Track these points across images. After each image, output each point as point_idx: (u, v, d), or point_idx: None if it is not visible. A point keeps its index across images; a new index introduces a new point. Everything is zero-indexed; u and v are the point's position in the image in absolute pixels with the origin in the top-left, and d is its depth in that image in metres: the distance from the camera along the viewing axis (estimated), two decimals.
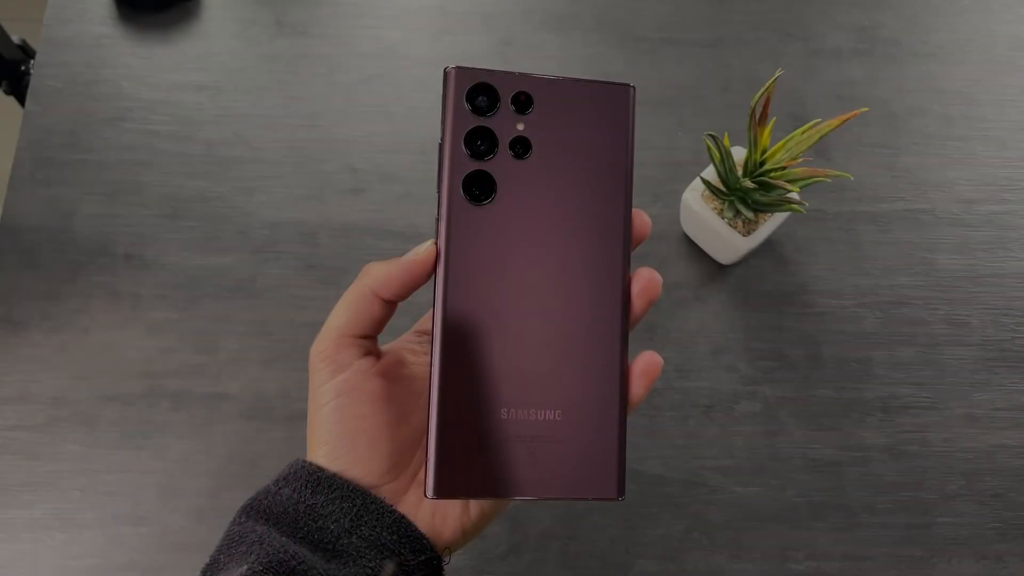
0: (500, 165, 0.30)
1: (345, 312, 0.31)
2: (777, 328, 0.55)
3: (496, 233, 0.30)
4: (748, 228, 0.52)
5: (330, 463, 0.30)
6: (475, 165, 0.30)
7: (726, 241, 0.52)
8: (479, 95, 0.30)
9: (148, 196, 0.57)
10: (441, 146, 0.30)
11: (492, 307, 0.30)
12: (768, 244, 0.57)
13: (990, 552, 0.50)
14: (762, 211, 0.52)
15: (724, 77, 0.63)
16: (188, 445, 0.50)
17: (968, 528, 0.51)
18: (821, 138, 0.49)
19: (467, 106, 0.30)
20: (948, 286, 0.57)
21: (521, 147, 0.31)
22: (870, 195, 0.59)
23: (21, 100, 0.76)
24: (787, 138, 0.49)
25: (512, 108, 0.31)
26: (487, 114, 0.30)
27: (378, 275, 0.30)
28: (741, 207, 0.51)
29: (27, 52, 0.77)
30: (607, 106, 0.32)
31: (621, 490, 0.30)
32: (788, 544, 0.50)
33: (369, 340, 0.32)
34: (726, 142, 0.49)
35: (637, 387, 0.31)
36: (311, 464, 0.30)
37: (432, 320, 0.30)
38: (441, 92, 0.30)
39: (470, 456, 0.29)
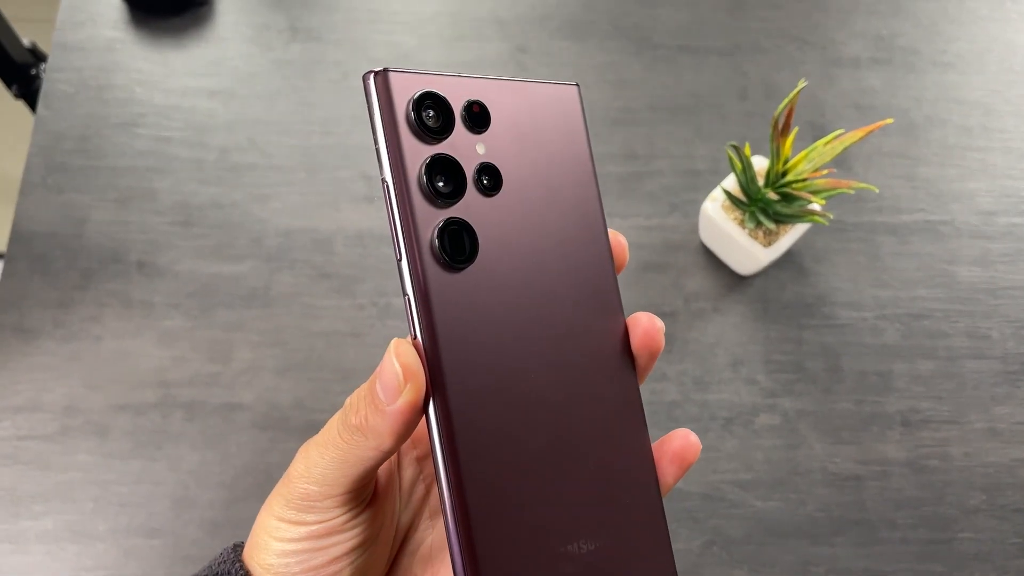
0: (471, 207, 0.22)
1: (339, 466, 0.23)
2: (797, 340, 0.54)
3: (491, 305, 0.22)
4: (769, 239, 0.52)
5: None
6: (444, 213, 0.22)
7: (746, 252, 0.52)
8: (428, 110, 0.22)
9: (161, 203, 0.56)
10: (387, 190, 0.22)
11: (506, 408, 0.22)
12: (787, 255, 0.57)
13: (1011, 568, 0.50)
14: (783, 222, 0.51)
15: (741, 85, 0.62)
16: (202, 455, 0.50)
17: (989, 543, 0.50)
18: (844, 150, 0.48)
19: (415, 127, 0.22)
20: (968, 298, 0.56)
21: (489, 178, 0.23)
22: (890, 206, 0.58)
23: (31, 104, 0.76)
24: (809, 148, 0.49)
25: (467, 125, 0.23)
26: (442, 136, 0.22)
27: (378, 433, 0.22)
28: (762, 218, 0.50)
29: (37, 55, 0.77)
30: (559, 113, 0.25)
31: None
32: (808, 559, 0.49)
33: (367, 487, 0.25)
34: (747, 152, 0.49)
35: (668, 475, 0.25)
36: (243, 570, 0.25)
37: (431, 435, 0.22)
38: (368, 108, 0.22)
39: None
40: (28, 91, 0.75)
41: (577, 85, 0.26)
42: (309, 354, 0.53)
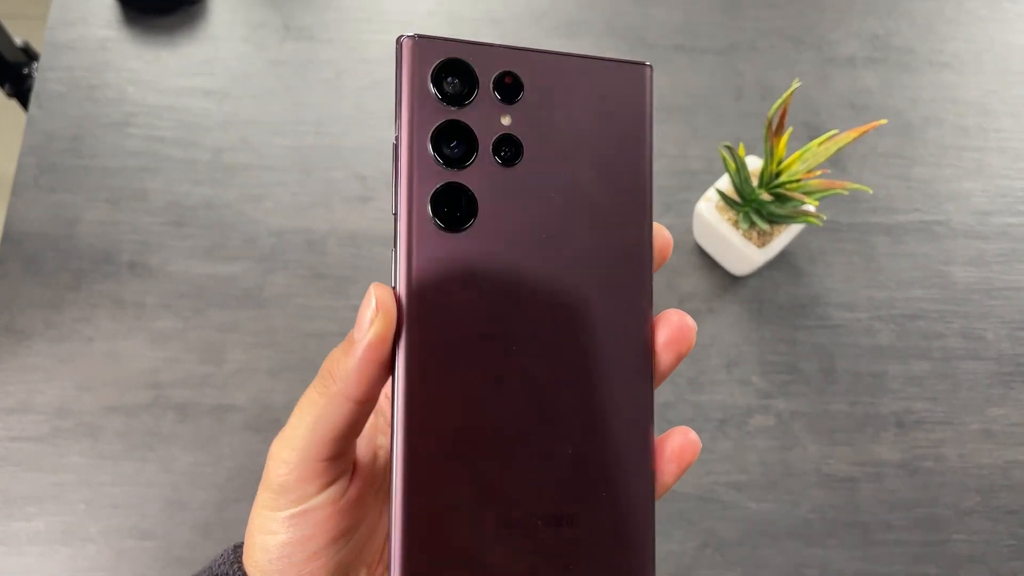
0: (480, 175, 0.23)
1: (313, 426, 0.23)
2: (791, 341, 0.54)
3: (478, 270, 0.22)
4: (763, 240, 0.52)
5: None
6: (447, 176, 0.22)
7: (740, 253, 0.52)
8: (450, 76, 0.23)
9: (153, 203, 0.56)
10: (397, 148, 0.23)
11: (474, 371, 0.22)
12: (781, 255, 0.56)
13: (1005, 569, 0.50)
14: (778, 223, 0.51)
15: (737, 85, 0.62)
16: (194, 457, 0.50)
17: (983, 545, 0.50)
18: (838, 150, 0.48)
19: (434, 92, 0.22)
20: (963, 299, 0.56)
21: (508, 149, 0.23)
22: (884, 206, 0.58)
23: (24, 103, 0.76)
24: (803, 149, 0.49)
25: (495, 95, 0.23)
26: (462, 104, 0.23)
27: (346, 374, 0.22)
28: (756, 218, 0.50)
29: (30, 54, 0.76)
30: (617, 93, 0.24)
31: None
32: (802, 561, 0.49)
33: (344, 457, 0.25)
34: (741, 152, 0.49)
35: (667, 473, 0.24)
36: (240, 571, 0.25)
37: (393, 392, 0.22)
38: (395, 72, 0.23)
39: (449, 571, 0.22)
40: (20, 90, 0.75)
41: (649, 66, 0.24)
42: (303, 355, 0.52)
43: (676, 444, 0.24)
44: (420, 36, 0.22)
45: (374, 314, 0.22)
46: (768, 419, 0.52)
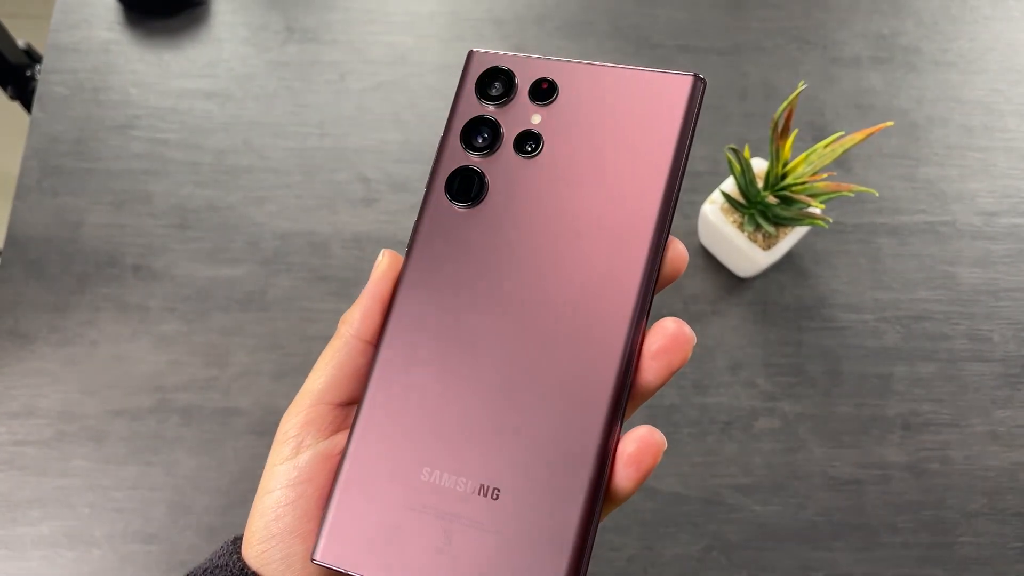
0: (499, 163, 0.26)
1: (325, 370, 0.25)
2: (796, 343, 0.54)
3: (475, 243, 0.25)
4: (768, 242, 0.51)
5: (261, 567, 0.25)
6: (467, 159, 0.26)
7: (746, 255, 0.51)
8: (495, 81, 0.26)
9: (157, 206, 0.56)
10: (442, 137, 0.27)
11: (445, 336, 0.25)
12: (786, 257, 0.56)
13: (1012, 572, 0.50)
14: (783, 225, 0.51)
15: (741, 85, 0.62)
16: (198, 461, 0.50)
17: (990, 548, 0.50)
18: (844, 152, 0.48)
19: (476, 93, 0.26)
20: (969, 300, 0.56)
21: (529, 143, 0.26)
22: (890, 207, 0.58)
23: (27, 105, 0.75)
24: (809, 151, 0.48)
25: (530, 98, 0.26)
26: (498, 103, 0.26)
27: (353, 316, 0.25)
28: (761, 221, 0.50)
29: (32, 57, 0.76)
30: (655, 103, 0.25)
31: None
32: (808, 564, 0.49)
33: (353, 408, 0.26)
34: (746, 155, 0.48)
35: (623, 477, 0.23)
36: (239, 562, 0.25)
37: (377, 343, 0.25)
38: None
39: (372, 522, 0.23)
40: (23, 93, 0.74)
41: (694, 77, 0.25)
42: (306, 358, 0.52)
43: (633, 445, 0.23)
44: (479, 50, 0.27)
45: (382, 257, 0.25)
46: (773, 421, 0.52)
